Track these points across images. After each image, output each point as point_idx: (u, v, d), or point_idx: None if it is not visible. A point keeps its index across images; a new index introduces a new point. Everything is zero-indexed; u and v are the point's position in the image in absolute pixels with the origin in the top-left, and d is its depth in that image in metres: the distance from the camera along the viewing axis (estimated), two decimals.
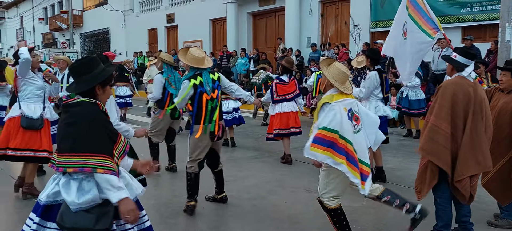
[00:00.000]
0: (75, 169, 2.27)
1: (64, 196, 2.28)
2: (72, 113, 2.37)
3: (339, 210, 3.46)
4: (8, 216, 4.43)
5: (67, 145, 2.30)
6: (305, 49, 15.43)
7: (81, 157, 2.26)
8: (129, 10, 25.05)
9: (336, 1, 15.21)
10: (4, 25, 46.43)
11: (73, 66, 2.55)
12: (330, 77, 3.35)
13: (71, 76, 2.55)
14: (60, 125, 2.39)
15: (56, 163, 2.32)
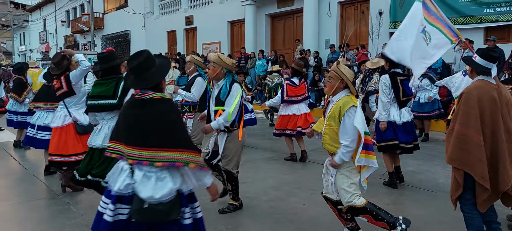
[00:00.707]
0: (165, 163, 2.39)
1: (141, 192, 2.40)
2: (156, 109, 2.46)
3: (370, 202, 3.46)
4: (35, 214, 4.55)
5: (155, 139, 2.40)
6: (324, 51, 15.36)
7: (172, 152, 2.39)
8: (149, 13, 25.38)
9: (355, 2, 15.10)
10: (28, 28, 47.65)
11: (139, 61, 2.55)
12: (349, 78, 3.36)
13: (135, 71, 2.56)
14: (138, 119, 2.45)
15: (136, 157, 2.41)
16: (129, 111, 2.54)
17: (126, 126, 2.51)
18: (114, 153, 2.54)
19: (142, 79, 2.53)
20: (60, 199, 4.98)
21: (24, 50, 48.80)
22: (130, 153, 2.42)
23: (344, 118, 3.28)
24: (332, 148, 3.42)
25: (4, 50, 53.49)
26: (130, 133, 2.46)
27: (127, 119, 2.52)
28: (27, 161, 6.99)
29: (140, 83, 2.54)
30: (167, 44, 24.31)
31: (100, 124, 3.75)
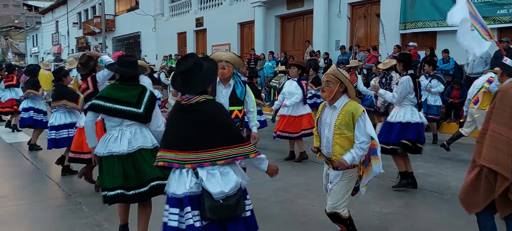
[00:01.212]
0: (227, 160, 2.50)
1: (210, 188, 2.45)
2: (205, 110, 2.54)
3: (350, 217, 3.42)
4: (47, 213, 4.60)
5: (211, 140, 2.49)
6: (334, 52, 15.30)
7: (230, 149, 2.51)
8: (159, 14, 25.54)
9: (365, 3, 15.03)
10: (40, 30, 48.26)
11: (188, 66, 2.59)
12: (350, 83, 3.29)
13: (183, 76, 2.59)
14: (190, 124, 2.52)
15: (195, 160, 2.48)
16: (178, 117, 2.59)
17: (177, 132, 2.56)
18: (161, 161, 2.59)
19: (190, 85, 2.59)
20: (72, 198, 5.04)
21: (37, 52, 49.42)
22: (187, 158, 2.49)
23: (359, 122, 3.20)
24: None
25: (17, 52, 54.25)
26: (184, 138, 2.53)
27: (177, 126, 2.57)
28: (40, 161, 7.07)
29: (189, 89, 2.58)
30: (177, 46, 24.43)
31: (115, 131, 3.44)
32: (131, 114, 3.38)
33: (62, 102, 6.18)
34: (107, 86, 3.62)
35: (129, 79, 3.50)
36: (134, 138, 3.40)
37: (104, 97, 3.41)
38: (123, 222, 3.70)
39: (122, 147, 3.35)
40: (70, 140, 6.17)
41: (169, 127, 2.67)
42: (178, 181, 2.56)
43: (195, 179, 2.51)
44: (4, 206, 4.86)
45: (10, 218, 4.49)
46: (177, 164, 2.52)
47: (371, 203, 4.83)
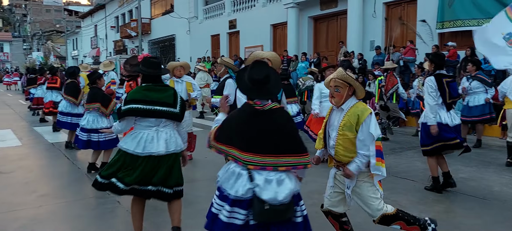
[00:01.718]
0: (288, 167, 2.63)
1: (263, 195, 2.57)
2: (278, 118, 2.70)
3: (400, 209, 3.38)
4: (87, 212, 4.74)
5: (278, 146, 2.62)
6: (368, 53, 15.05)
7: (293, 157, 2.64)
8: (193, 17, 25.93)
9: (401, 3, 14.68)
10: (80, 34, 50.06)
11: (264, 75, 2.71)
12: (359, 85, 3.23)
13: (258, 83, 2.70)
14: (263, 129, 2.63)
15: (259, 163, 2.59)
16: (249, 119, 2.69)
17: (246, 133, 2.66)
18: (230, 156, 2.71)
19: (264, 92, 2.72)
20: (110, 198, 5.17)
21: (77, 55, 51.28)
22: (251, 159, 2.61)
23: (363, 126, 3.13)
24: (346, 158, 3.26)
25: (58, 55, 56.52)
26: (252, 140, 2.63)
27: (247, 127, 2.67)
28: (79, 161, 7.31)
29: (263, 95, 2.72)
30: (210, 48, 24.71)
31: (152, 131, 3.45)
32: (170, 114, 3.49)
33: (96, 105, 6.34)
34: (137, 89, 3.60)
35: (155, 80, 3.57)
36: (170, 139, 3.50)
37: (140, 100, 3.44)
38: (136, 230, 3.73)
39: (160, 148, 3.42)
40: (100, 144, 6.40)
41: (235, 125, 2.74)
42: (235, 181, 2.65)
43: (249, 185, 2.61)
44: (47, 203, 5.05)
45: (52, 215, 4.67)
46: (241, 163, 2.63)
47: (410, 208, 4.70)
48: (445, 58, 5.71)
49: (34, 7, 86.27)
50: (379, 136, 3.15)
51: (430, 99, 5.10)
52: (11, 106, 18.16)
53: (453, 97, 5.23)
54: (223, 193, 2.70)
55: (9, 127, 11.58)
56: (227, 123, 2.82)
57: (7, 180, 6.10)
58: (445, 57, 6.03)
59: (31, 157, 7.87)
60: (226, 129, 2.79)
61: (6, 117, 14.47)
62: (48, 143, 9.18)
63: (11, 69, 46.35)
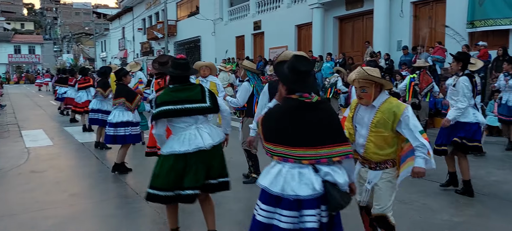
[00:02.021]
0: (341, 157, 2.56)
1: (339, 179, 2.52)
2: (325, 109, 2.65)
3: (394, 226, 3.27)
4: (117, 211, 4.84)
5: (331, 137, 2.56)
6: (395, 53, 14.79)
7: (344, 146, 2.57)
8: (218, 19, 26.12)
9: (429, 2, 14.36)
10: (108, 36, 51.20)
11: (309, 67, 2.70)
12: (382, 79, 3.13)
13: (303, 75, 2.66)
14: (314, 121, 2.56)
15: (314, 157, 2.50)
16: (298, 113, 2.58)
17: (296, 128, 2.55)
18: (275, 155, 2.58)
19: (310, 84, 2.68)
20: (139, 197, 5.27)
21: (105, 57, 52.46)
22: (305, 154, 2.50)
23: (401, 122, 3.04)
24: (376, 156, 3.17)
25: (87, 57, 57.98)
26: (303, 134, 2.53)
27: (296, 122, 2.56)
28: (109, 161, 7.47)
29: (309, 88, 2.66)
30: (235, 49, 24.83)
31: (192, 130, 3.51)
32: (203, 109, 3.55)
33: (122, 100, 6.50)
34: (165, 92, 3.63)
35: (184, 80, 3.63)
36: (211, 133, 3.58)
37: (170, 102, 3.47)
38: (173, 226, 3.76)
39: (207, 141, 3.48)
40: (126, 138, 6.56)
41: (279, 122, 2.61)
42: (299, 181, 2.48)
43: (320, 177, 2.51)
44: (78, 202, 5.19)
45: (83, 215, 4.79)
46: (293, 159, 2.51)
47: (440, 211, 4.60)
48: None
49: (64, 10, 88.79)
50: (421, 129, 3.06)
51: (464, 101, 4.99)
52: (42, 107, 18.74)
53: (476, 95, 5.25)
54: (284, 198, 2.49)
55: (40, 127, 11.95)
56: (267, 120, 2.68)
57: (40, 179, 6.30)
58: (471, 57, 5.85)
59: (62, 157, 8.10)
60: (268, 127, 2.66)
61: (38, 117, 14.95)
62: (78, 143, 9.42)
63: (42, 71, 47.85)
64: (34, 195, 5.49)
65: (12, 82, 49.00)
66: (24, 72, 53.71)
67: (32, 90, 33.90)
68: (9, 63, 59.32)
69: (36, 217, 4.65)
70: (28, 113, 15.95)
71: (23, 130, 11.40)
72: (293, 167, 2.52)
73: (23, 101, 22.48)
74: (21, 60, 61.24)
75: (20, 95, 27.63)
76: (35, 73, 48.76)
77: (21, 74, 52.69)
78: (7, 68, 57.71)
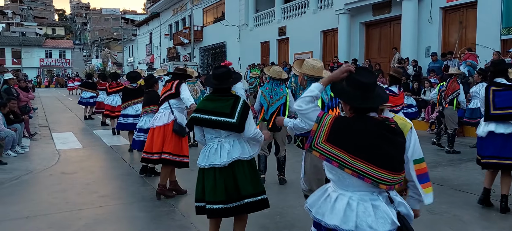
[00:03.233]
0: (399, 185, 2.27)
1: (409, 213, 2.26)
2: (401, 136, 2.28)
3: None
4: (144, 213, 4.93)
5: (401, 164, 2.23)
6: (423, 59, 14.52)
7: (401, 175, 2.21)
8: (244, 25, 26.29)
9: (460, 7, 14.05)
10: (136, 41, 52.27)
11: (374, 79, 2.34)
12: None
13: (370, 88, 2.29)
14: (391, 144, 2.20)
15: (389, 182, 2.15)
16: (380, 132, 2.20)
17: (379, 149, 2.18)
18: (334, 160, 2.20)
19: (370, 97, 2.27)
20: (166, 201, 5.34)
21: (132, 62, 53.54)
22: (385, 178, 2.14)
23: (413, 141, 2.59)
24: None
25: (115, 62, 59.34)
26: (387, 157, 2.18)
27: (376, 139, 2.19)
28: (136, 164, 7.60)
29: (370, 102, 2.27)
30: (260, 55, 24.92)
31: (215, 143, 3.50)
32: (226, 124, 3.41)
33: (154, 107, 6.58)
34: (203, 98, 3.73)
35: (222, 90, 3.57)
36: (232, 148, 3.45)
37: (200, 110, 3.51)
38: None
39: (223, 159, 3.41)
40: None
41: (363, 139, 2.21)
42: (374, 215, 2.14)
43: (394, 209, 2.20)
44: (107, 204, 5.30)
45: (112, 216, 4.89)
46: (369, 179, 2.15)
47: (472, 224, 4.48)
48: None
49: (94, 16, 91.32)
50: (420, 157, 2.54)
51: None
52: (72, 110, 19.26)
53: (497, 109, 4.79)
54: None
55: (70, 130, 12.29)
56: (342, 127, 2.28)
57: (71, 181, 6.47)
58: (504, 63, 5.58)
59: (92, 159, 8.29)
60: (344, 131, 2.26)
61: (68, 120, 15.38)
62: (106, 146, 9.64)
63: (72, 75, 49.23)
64: (65, 195, 5.64)
65: (43, 86, 50.62)
66: (55, 76, 55.39)
67: (62, 93, 34.89)
68: (40, 67, 61.30)
69: (68, 217, 4.78)
70: (59, 116, 16.43)
71: (53, 132, 11.75)
72: (363, 199, 2.18)
73: (54, 104, 23.17)
74: (52, 64, 63.20)
75: (51, 98, 28.49)
76: (66, 78, 50.16)
77: (52, 78, 54.35)
78: (39, 72, 59.65)
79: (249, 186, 3.45)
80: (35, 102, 20.41)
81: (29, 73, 52.47)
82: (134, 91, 8.64)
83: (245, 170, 3.47)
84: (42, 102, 23.69)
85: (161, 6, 39.43)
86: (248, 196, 3.44)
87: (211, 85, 3.60)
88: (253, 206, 3.48)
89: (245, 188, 3.43)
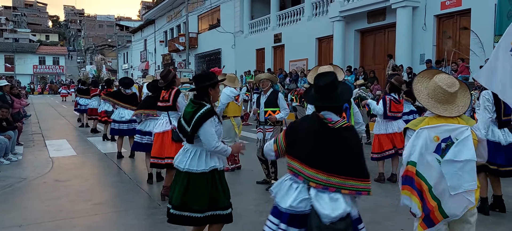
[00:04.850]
0: (352, 192, 2.45)
1: (321, 210, 2.42)
2: (349, 137, 2.52)
3: None
4: (140, 221, 4.87)
5: (346, 168, 2.45)
6: (418, 66, 14.60)
7: (358, 181, 2.46)
8: (239, 32, 26.34)
9: (454, 15, 14.17)
10: (130, 48, 52.16)
11: (327, 81, 2.59)
12: (425, 95, 2.79)
13: (323, 92, 2.60)
14: (332, 146, 2.49)
15: (323, 182, 2.43)
16: (321, 135, 2.53)
17: (314, 149, 2.51)
18: (291, 169, 2.58)
19: (329, 98, 2.58)
20: (161, 208, 5.28)
21: (127, 68, 53.41)
22: (315, 177, 2.45)
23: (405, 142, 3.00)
24: None
25: (109, 68, 59.13)
26: (320, 157, 2.48)
27: (317, 143, 2.52)
28: (131, 172, 7.54)
29: (329, 101, 2.58)
30: (255, 62, 24.95)
31: (191, 147, 3.49)
32: (184, 131, 3.43)
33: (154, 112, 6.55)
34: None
35: (197, 95, 3.50)
36: (185, 155, 3.46)
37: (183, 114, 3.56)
38: None
39: (180, 164, 3.46)
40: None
41: (301, 136, 2.60)
42: (286, 192, 2.55)
43: (304, 195, 2.49)
44: (102, 212, 5.23)
45: (107, 224, 4.83)
46: (303, 178, 2.49)
47: None
48: None
49: (88, 22, 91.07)
50: (409, 160, 2.76)
51: (485, 113, 4.85)
52: (66, 117, 19.13)
53: (507, 115, 4.89)
54: (276, 208, 2.59)
55: (64, 137, 12.18)
56: (291, 132, 2.67)
57: (65, 188, 6.39)
58: None
59: (86, 166, 8.21)
60: (290, 139, 2.65)
61: (61, 127, 15.26)
62: (100, 153, 9.55)
63: (66, 81, 48.99)
64: (59, 203, 5.57)
65: (36, 93, 50.28)
66: (48, 83, 55.08)
67: (56, 100, 34.68)
68: (34, 73, 60.97)
69: (61, 225, 4.71)
70: (52, 123, 16.31)
71: (47, 140, 11.64)
72: (300, 182, 2.52)
73: (47, 111, 23.01)
74: (45, 71, 62.89)
75: (44, 105, 28.30)
76: (59, 84, 49.91)
77: (45, 85, 54.04)
78: (32, 79, 59.32)
79: (180, 197, 3.41)
80: (29, 109, 20.25)
81: (23, 80, 52.19)
82: (127, 98, 8.62)
83: (182, 182, 3.43)
84: (35, 109, 23.52)
85: (156, 13, 39.45)
86: (176, 207, 3.42)
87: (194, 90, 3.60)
88: (175, 218, 3.46)
89: (178, 198, 3.41)
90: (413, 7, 14.79)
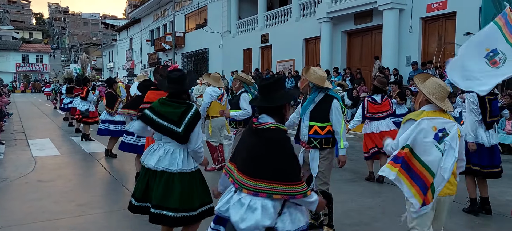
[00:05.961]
0: (284, 196, 2.37)
1: (231, 215, 2.38)
2: (272, 139, 2.44)
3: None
4: (126, 222, 4.77)
5: (271, 172, 2.38)
6: (404, 68, 14.75)
7: (287, 186, 2.36)
8: (226, 32, 26.25)
9: (439, 18, 14.34)
10: (115, 47, 51.60)
11: (266, 82, 2.60)
12: (426, 92, 3.11)
13: (262, 93, 2.61)
14: (256, 149, 2.45)
15: (251, 188, 2.38)
16: (248, 138, 2.55)
17: (242, 153, 2.52)
18: (230, 176, 2.57)
19: (267, 99, 2.55)
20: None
21: (112, 67, 52.81)
22: (245, 182, 2.42)
23: (399, 131, 3.33)
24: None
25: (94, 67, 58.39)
26: (247, 162, 2.46)
27: (244, 147, 2.54)
28: (116, 171, 7.42)
29: (266, 102, 2.55)
30: (243, 62, 24.89)
31: (157, 143, 3.50)
32: (171, 132, 3.33)
33: None
34: (158, 100, 3.55)
35: (177, 95, 3.44)
36: (164, 156, 3.37)
37: (153, 109, 3.43)
38: None
39: (150, 162, 3.40)
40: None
41: (241, 144, 2.65)
42: (224, 195, 2.58)
43: (230, 199, 2.48)
44: (86, 213, 5.12)
45: (91, 225, 4.72)
46: (237, 185, 2.45)
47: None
48: None
49: (73, 20, 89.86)
50: (404, 144, 3.10)
51: (472, 116, 4.89)
52: (49, 116, 18.79)
53: (492, 117, 4.95)
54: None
55: (47, 136, 11.94)
56: (240, 139, 2.73)
57: (48, 189, 6.24)
58: None
59: (70, 166, 8.05)
60: (237, 149, 2.69)
61: (45, 125, 14.97)
62: (85, 153, 9.38)
63: (50, 80, 48.20)
64: (42, 204, 5.43)
65: (18, 91, 49.34)
66: (32, 81, 54.11)
67: (39, 99, 34.08)
68: (16, 71, 59.85)
69: (45, 227, 4.59)
70: (35, 122, 15.98)
71: (30, 139, 11.39)
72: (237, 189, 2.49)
73: (30, 109, 22.58)
74: (28, 69, 61.79)
75: (27, 103, 27.78)
76: (42, 83, 49.08)
77: (28, 83, 53.07)
78: (14, 77, 58.21)
79: (163, 200, 3.33)
80: (11, 107, 19.82)
81: (5, 78, 51.15)
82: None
83: (172, 182, 3.36)
84: (17, 107, 23.05)
85: (142, 11, 39.09)
86: (160, 207, 3.34)
87: (165, 89, 3.50)
88: (177, 220, 3.37)
89: (158, 198, 3.34)
90: (399, 9, 14.93)
